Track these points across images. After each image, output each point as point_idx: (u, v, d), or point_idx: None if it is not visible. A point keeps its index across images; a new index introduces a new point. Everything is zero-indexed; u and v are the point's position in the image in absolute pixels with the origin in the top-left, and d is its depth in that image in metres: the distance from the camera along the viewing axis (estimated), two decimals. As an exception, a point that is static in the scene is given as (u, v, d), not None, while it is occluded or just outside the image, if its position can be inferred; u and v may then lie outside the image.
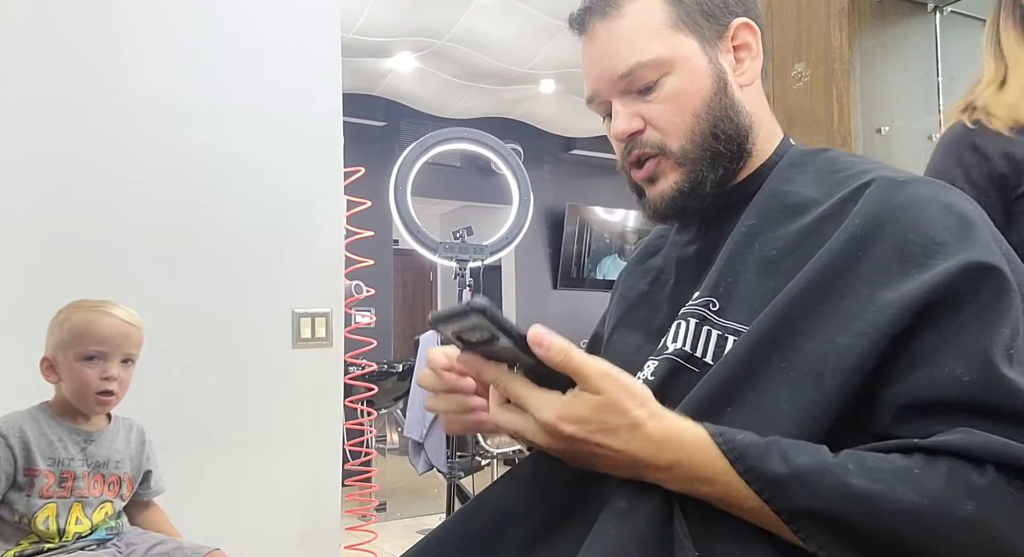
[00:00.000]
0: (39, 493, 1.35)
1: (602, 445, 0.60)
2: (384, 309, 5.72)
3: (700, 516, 0.60)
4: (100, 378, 1.39)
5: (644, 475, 0.61)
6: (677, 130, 0.76)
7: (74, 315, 1.42)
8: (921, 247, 0.63)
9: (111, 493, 1.44)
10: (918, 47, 1.45)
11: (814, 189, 0.73)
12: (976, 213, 0.66)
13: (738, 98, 0.77)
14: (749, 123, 0.78)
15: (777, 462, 0.57)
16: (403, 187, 3.20)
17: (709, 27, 0.77)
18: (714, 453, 0.59)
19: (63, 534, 1.36)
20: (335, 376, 2.26)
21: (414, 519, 4.36)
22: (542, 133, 6.61)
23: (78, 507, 1.39)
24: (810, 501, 0.56)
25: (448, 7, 4.31)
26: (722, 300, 0.71)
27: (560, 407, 0.60)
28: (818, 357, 0.61)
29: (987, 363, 0.57)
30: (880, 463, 0.57)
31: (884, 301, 0.61)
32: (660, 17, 0.76)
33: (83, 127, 1.94)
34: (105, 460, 1.44)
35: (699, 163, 0.76)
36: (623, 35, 0.77)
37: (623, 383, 0.60)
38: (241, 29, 2.15)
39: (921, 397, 0.59)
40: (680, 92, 0.76)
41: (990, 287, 0.60)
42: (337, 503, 2.24)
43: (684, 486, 0.60)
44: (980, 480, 0.54)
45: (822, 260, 0.65)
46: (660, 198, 0.78)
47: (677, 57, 0.76)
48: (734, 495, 0.58)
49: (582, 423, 0.59)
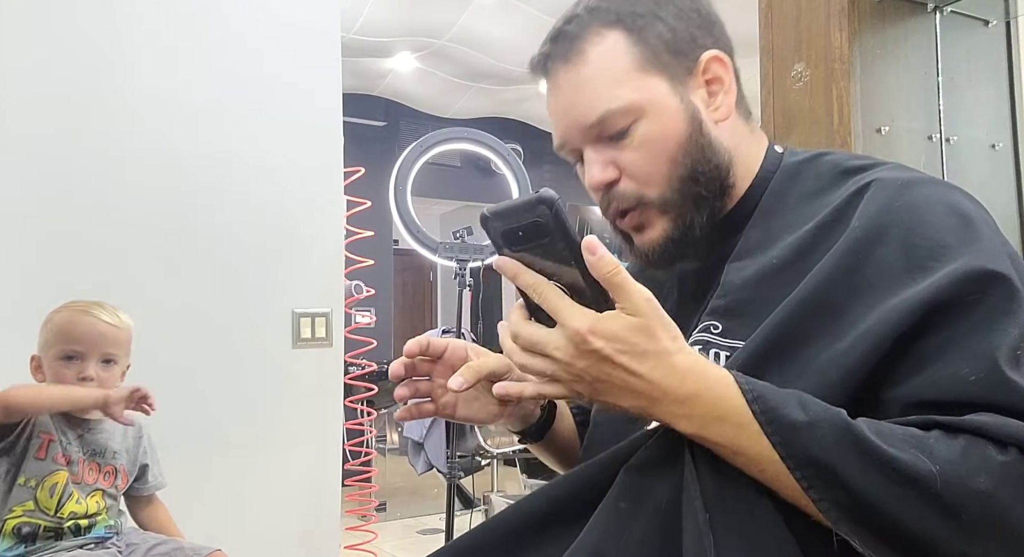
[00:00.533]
0: (53, 459, 1.37)
1: (627, 367, 0.58)
2: (384, 309, 5.72)
3: (712, 487, 0.58)
4: (77, 378, 1.40)
5: (655, 409, 0.60)
6: (653, 178, 0.73)
7: (56, 316, 1.44)
8: (925, 250, 0.62)
9: (105, 482, 1.45)
10: (918, 47, 1.45)
11: (811, 200, 0.72)
12: (979, 213, 0.66)
13: (714, 136, 0.74)
14: (728, 159, 0.75)
15: (795, 409, 0.56)
16: (403, 187, 3.20)
17: (678, 64, 0.73)
18: (734, 392, 0.58)
19: (60, 509, 1.37)
20: (335, 376, 2.26)
21: (414, 519, 4.36)
22: (542, 133, 6.61)
23: (75, 488, 1.40)
24: (818, 451, 0.55)
25: (448, 7, 4.31)
26: (723, 321, 0.70)
27: (594, 320, 0.58)
28: (821, 363, 0.61)
29: (993, 364, 0.56)
30: (895, 430, 0.56)
31: (888, 305, 0.60)
32: (626, 60, 0.72)
33: (83, 127, 1.94)
34: (102, 449, 1.46)
35: (683, 208, 0.74)
36: (589, 82, 0.73)
37: (662, 312, 0.59)
38: (241, 29, 2.15)
39: (926, 397, 0.58)
40: (654, 138, 0.72)
41: (998, 290, 0.59)
42: (337, 503, 2.24)
43: (696, 424, 0.59)
44: (1000, 457, 0.53)
45: (825, 267, 0.64)
46: (651, 247, 0.76)
47: (647, 101, 0.72)
48: (744, 439, 0.57)
49: (613, 340, 0.58)
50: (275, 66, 2.18)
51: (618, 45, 0.73)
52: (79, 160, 1.92)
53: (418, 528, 4.17)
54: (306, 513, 2.18)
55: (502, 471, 4.60)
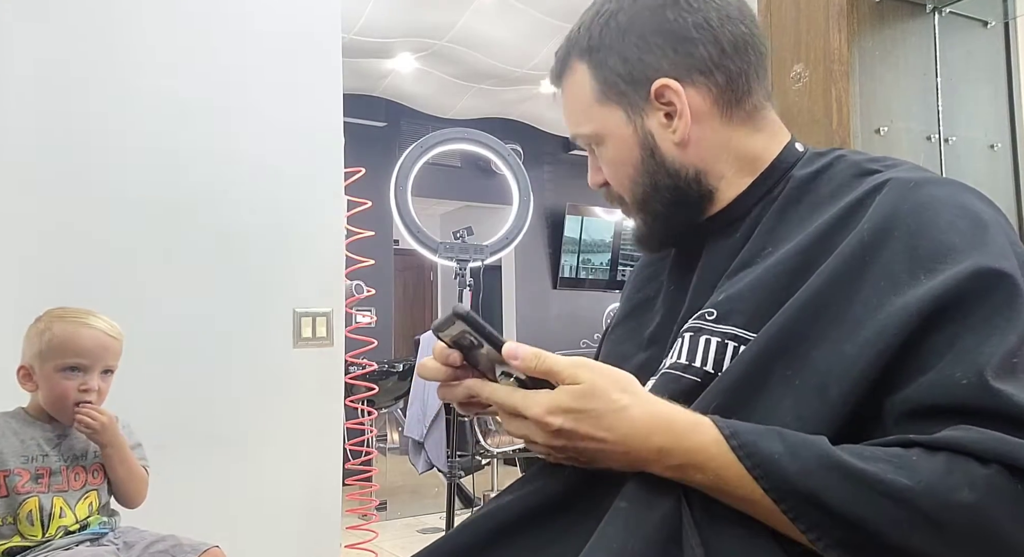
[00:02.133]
0: (15, 490, 1.35)
1: (590, 436, 0.61)
2: (384, 309, 5.72)
3: (707, 511, 0.59)
4: (79, 389, 1.39)
5: (637, 465, 0.61)
6: (624, 189, 0.81)
7: (55, 325, 1.41)
8: (931, 252, 0.61)
9: (95, 481, 1.44)
10: (917, 48, 1.45)
11: (825, 201, 0.72)
12: (991, 215, 0.65)
13: (672, 157, 0.77)
14: (692, 175, 0.78)
15: (774, 442, 0.57)
16: (403, 187, 3.21)
17: (634, 92, 0.77)
18: (707, 438, 0.59)
19: (47, 528, 1.36)
20: (336, 376, 2.26)
21: (414, 518, 4.36)
22: (542, 133, 6.62)
23: (60, 500, 1.39)
24: (800, 479, 0.55)
25: (448, 8, 4.32)
26: (719, 307, 0.70)
27: (546, 401, 0.62)
28: (823, 367, 0.61)
29: (981, 371, 0.56)
30: (876, 451, 0.57)
31: (892, 308, 0.60)
32: (587, 92, 0.80)
33: (83, 127, 1.94)
34: (83, 452, 1.44)
35: (648, 215, 0.81)
36: (568, 105, 0.83)
37: (600, 370, 0.62)
38: (242, 30, 2.15)
39: (922, 402, 0.58)
40: (613, 160, 0.80)
41: (1000, 292, 0.59)
42: (337, 502, 2.25)
43: (677, 473, 0.60)
44: (982, 470, 0.53)
45: (831, 265, 0.64)
46: (638, 235, 0.85)
47: (604, 129, 0.80)
48: (726, 482, 0.58)
49: (568, 412, 0.61)
50: (276, 67, 2.19)
51: (584, 77, 0.80)
52: (79, 160, 1.93)
53: (418, 527, 4.17)
54: (306, 512, 2.18)
55: (502, 470, 4.60)
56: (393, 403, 4.67)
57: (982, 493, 0.53)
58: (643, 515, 0.60)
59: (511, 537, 0.68)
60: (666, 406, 0.62)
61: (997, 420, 0.55)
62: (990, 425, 0.55)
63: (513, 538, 0.68)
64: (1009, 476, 0.53)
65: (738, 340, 0.67)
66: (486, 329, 0.64)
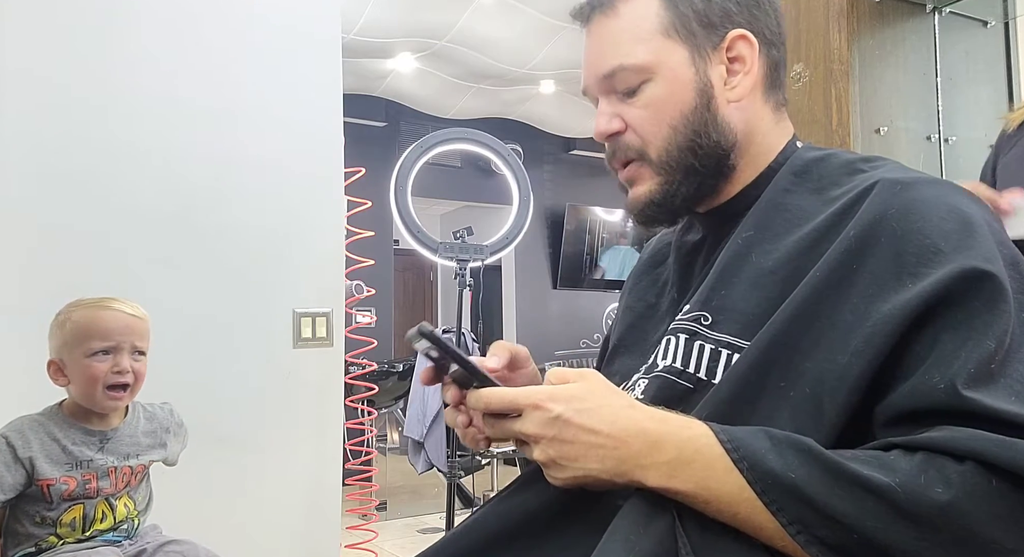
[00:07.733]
0: (61, 497, 1.31)
1: (588, 428, 0.61)
2: (384, 309, 5.72)
3: (699, 528, 0.59)
4: (112, 371, 1.35)
5: (624, 466, 0.61)
6: (655, 139, 0.75)
7: (74, 313, 1.38)
8: (916, 255, 0.61)
9: (136, 481, 1.42)
10: (917, 48, 1.45)
11: (814, 198, 0.72)
12: (981, 215, 0.64)
13: (723, 114, 0.75)
14: (733, 141, 0.75)
15: (761, 440, 0.58)
16: (403, 187, 3.21)
17: (705, 36, 0.74)
18: (698, 432, 0.60)
19: (88, 530, 1.35)
20: (336, 376, 2.26)
21: (414, 518, 4.36)
22: (542, 133, 6.62)
23: (104, 504, 1.36)
24: (784, 471, 0.56)
25: (448, 8, 4.31)
26: (714, 313, 0.70)
27: (549, 390, 0.63)
28: (816, 378, 0.61)
29: (952, 379, 0.56)
30: (857, 453, 0.58)
31: (879, 314, 0.60)
32: (653, 22, 0.75)
33: (84, 127, 1.94)
34: (127, 453, 1.41)
35: (674, 174, 0.76)
36: (613, 35, 0.76)
37: (602, 378, 0.64)
38: (242, 30, 2.15)
39: (903, 407, 0.58)
40: (659, 101, 0.75)
41: (983, 294, 0.59)
42: (337, 502, 2.25)
43: (665, 471, 0.60)
44: (957, 467, 0.54)
45: (819, 273, 0.64)
46: (635, 203, 0.79)
47: (661, 65, 0.74)
48: (714, 480, 0.58)
49: (570, 402, 0.62)
50: (276, 67, 2.19)
51: (650, 6, 0.75)
52: (79, 160, 1.93)
53: (418, 527, 4.17)
54: (306, 512, 2.18)
55: (502, 470, 4.60)
56: (393, 403, 4.67)
57: (957, 489, 0.53)
58: (648, 525, 0.59)
59: (501, 550, 0.68)
60: (661, 410, 0.63)
61: (972, 422, 0.55)
62: (967, 427, 0.55)
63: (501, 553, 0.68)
64: (984, 472, 0.54)
65: (732, 348, 0.67)
66: (449, 346, 0.65)
